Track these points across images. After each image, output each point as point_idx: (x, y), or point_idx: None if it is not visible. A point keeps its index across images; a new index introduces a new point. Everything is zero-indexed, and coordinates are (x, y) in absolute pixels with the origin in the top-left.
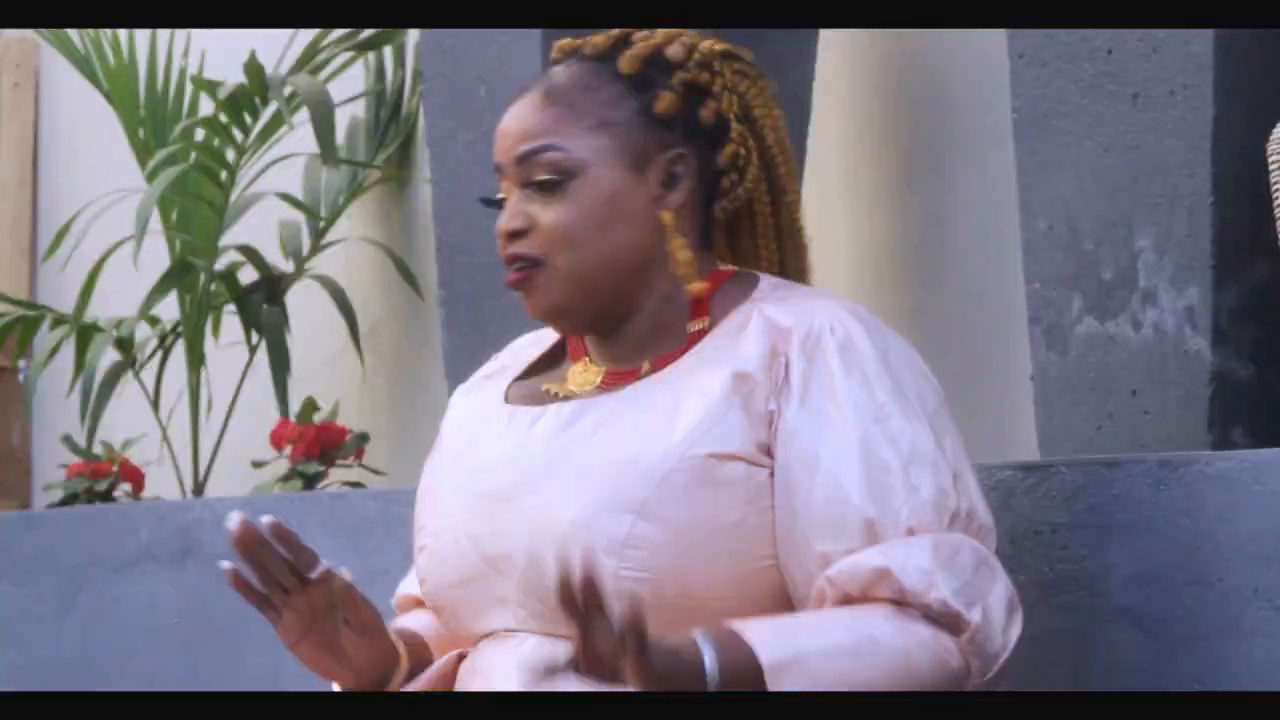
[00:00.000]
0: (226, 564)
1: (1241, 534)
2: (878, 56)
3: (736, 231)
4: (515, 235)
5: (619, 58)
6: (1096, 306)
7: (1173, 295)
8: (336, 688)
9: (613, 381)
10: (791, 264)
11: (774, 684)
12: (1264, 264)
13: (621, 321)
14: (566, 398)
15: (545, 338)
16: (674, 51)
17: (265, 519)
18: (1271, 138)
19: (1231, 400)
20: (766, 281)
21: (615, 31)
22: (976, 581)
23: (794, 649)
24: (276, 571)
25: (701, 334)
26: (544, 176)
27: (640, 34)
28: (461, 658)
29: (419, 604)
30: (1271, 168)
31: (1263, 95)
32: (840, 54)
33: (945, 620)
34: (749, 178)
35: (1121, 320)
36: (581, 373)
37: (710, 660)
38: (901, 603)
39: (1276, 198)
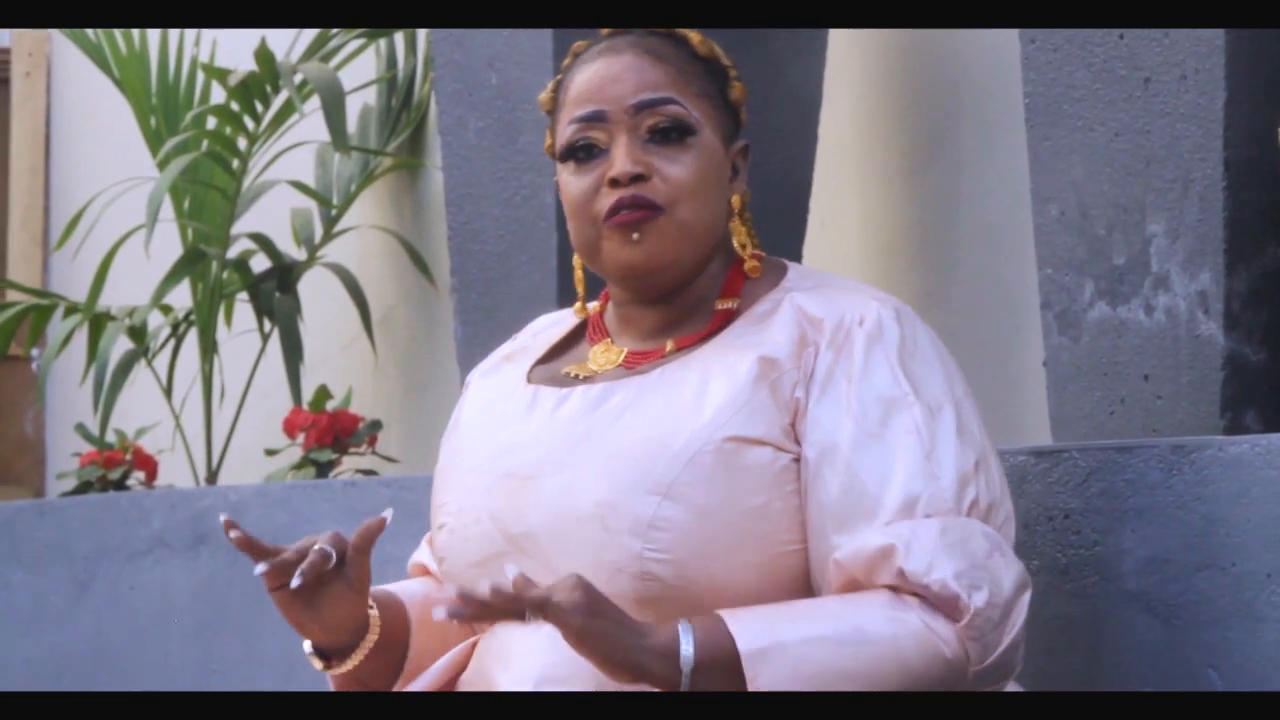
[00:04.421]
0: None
1: (1254, 518)
2: (889, 41)
3: None
4: (636, 179)
5: (687, 40)
6: (1108, 291)
7: (1185, 280)
8: (306, 645)
9: (635, 361)
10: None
11: (752, 671)
12: (1276, 248)
13: (680, 292)
14: (589, 379)
15: (564, 319)
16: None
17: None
18: None
19: (1244, 384)
20: (795, 270)
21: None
22: (988, 566)
23: (774, 637)
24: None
25: (726, 315)
26: (669, 127)
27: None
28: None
29: (425, 573)
30: None
31: (1275, 79)
32: (851, 39)
33: (944, 604)
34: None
35: (1134, 305)
36: (603, 353)
37: (687, 644)
38: (900, 588)
39: None
